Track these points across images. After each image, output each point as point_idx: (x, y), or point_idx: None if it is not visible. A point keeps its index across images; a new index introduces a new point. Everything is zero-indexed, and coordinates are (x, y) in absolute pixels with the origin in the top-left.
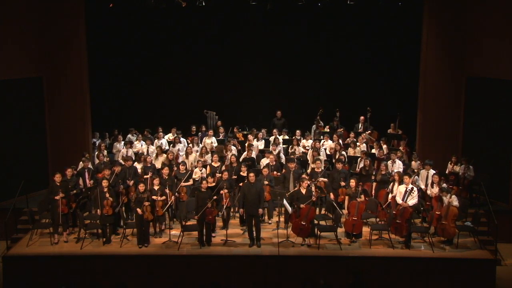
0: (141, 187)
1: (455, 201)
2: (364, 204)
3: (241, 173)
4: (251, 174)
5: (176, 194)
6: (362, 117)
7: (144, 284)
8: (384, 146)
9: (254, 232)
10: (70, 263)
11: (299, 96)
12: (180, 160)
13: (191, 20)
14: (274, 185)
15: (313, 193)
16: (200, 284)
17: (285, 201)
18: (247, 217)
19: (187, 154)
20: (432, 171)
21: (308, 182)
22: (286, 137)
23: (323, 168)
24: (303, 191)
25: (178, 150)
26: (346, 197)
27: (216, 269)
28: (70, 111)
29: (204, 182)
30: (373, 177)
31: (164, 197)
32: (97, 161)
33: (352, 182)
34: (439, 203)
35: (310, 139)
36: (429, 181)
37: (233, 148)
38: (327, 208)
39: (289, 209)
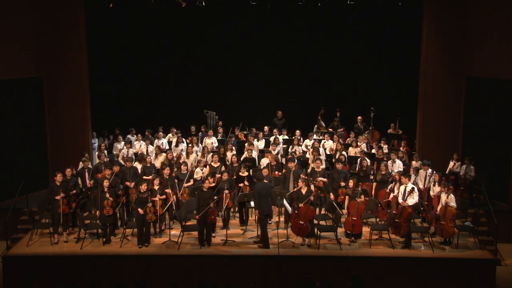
0: (143, 186)
1: (452, 202)
2: (363, 204)
3: (241, 173)
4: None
5: (179, 195)
6: (359, 117)
7: (144, 284)
8: (385, 146)
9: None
10: (70, 263)
11: (299, 96)
12: (182, 160)
13: (191, 20)
14: (274, 185)
15: (312, 192)
16: (200, 284)
17: (285, 201)
18: (265, 217)
19: (188, 154)
20: (430, 171)
21: (302, 184)
22: (286, 137)
23: (323, 167)
24: (303, 191)
25: (181, 150)
26: (346, 197)
27: (216, 269)
28: (70, 111)
29: (206, 182)
30: (371, 177)
31: (164, 197)
32: (97, 161)
33: (351, 182)
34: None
35: (313, 139)
36: (427, 181)
37: (233, 148)
38: (327, 208)
39: (289, 209)
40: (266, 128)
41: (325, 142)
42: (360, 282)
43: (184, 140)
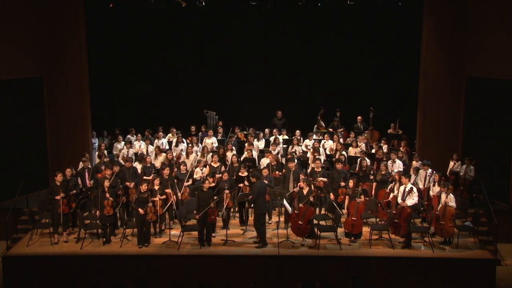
0: (144, 186)
1: (451, 201)
2: (363, 204)
3: (241, 173)
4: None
5: (179, 194)
6: (359, 117)
7: (144, 284)
8: (384, 146)
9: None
10: (70, 263)
11: (299, 96)
12: (182, 160)
13: (191, 20)
14: (274, 185)
15: (313, 192)
16: (200, 284)
17: (285, 201)
18: (263, 216)
19: (188, 154)
20: (430, 171)
21: (304, 184)
22: (286, 137)
23: (323, 167)
24: (305, 191)
25: (181, 150)
26: (346, 197)
27: (216, 269)
28: (70, 111)
29: (206, 182)
30: (371, 177)
31: (164, 197)
32: (97, 160)
33: (351, 182)
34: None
35: (313, 139)
36: (427, 181)
37: (233, 148)
38: (327, 208)
39: (289, 209)
40: (266, 130)
41: (325, 142)
42: (360, 283)
43: (184, 140)
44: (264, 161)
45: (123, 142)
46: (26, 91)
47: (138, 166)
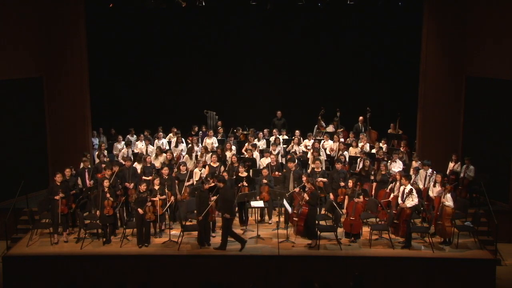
0: (143, 187)
1: (448, 201)
2: (362, 204)
3: (239, 173)
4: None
5: (179, 195)
6: (361, 117)
7: (144, 284)
8: (384, 146)
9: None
10: (70, 263)
11: (299, 96)
12: (182, 160)
13: (191, 20)
14: (273, 185)
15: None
16: (200, 284)
17: (285, 201)
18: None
19: (190, 154)
20: (430, 171)
21: (309, 185)
22: (286, 137)
23: (323, 168)
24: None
25: (181, 150)
26: (346, 197)
27: (216, 269)
28: (70, 111)
29: (211, 182)
30: (372, 177)
31: (164, 197)
32: (97, 161)
33: (350, 182)
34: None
35: (312, 139)
36: (427, 181)
37: (233, 147)
38: (327, 208)
39: (289, 209)
40: (265, 131)
41: (324, 142)
42: (362, 282)
43: (183, 140)
44: (264, 161)
45: (123, 142)
46: (26, 91)
47: (138, 166)
